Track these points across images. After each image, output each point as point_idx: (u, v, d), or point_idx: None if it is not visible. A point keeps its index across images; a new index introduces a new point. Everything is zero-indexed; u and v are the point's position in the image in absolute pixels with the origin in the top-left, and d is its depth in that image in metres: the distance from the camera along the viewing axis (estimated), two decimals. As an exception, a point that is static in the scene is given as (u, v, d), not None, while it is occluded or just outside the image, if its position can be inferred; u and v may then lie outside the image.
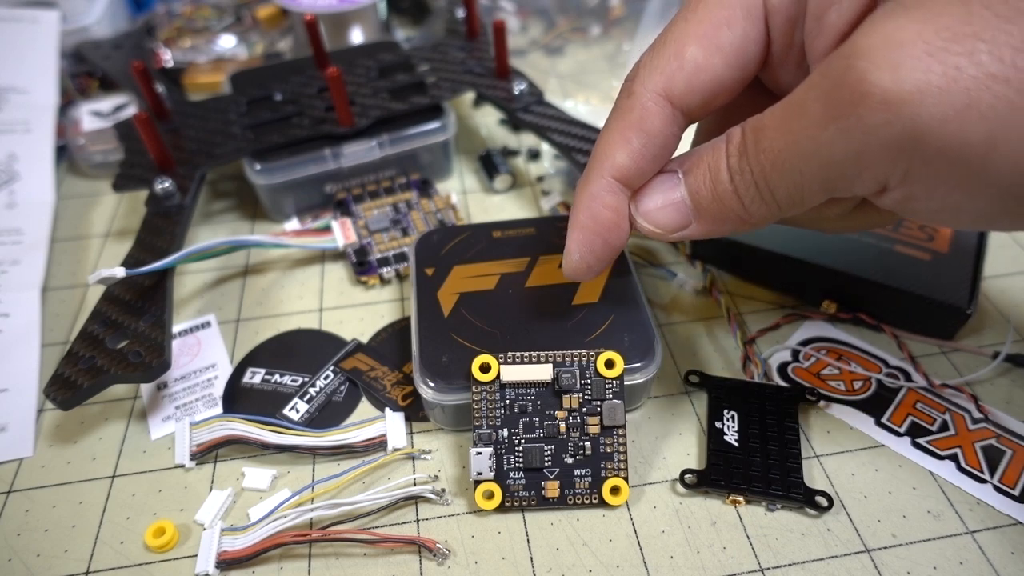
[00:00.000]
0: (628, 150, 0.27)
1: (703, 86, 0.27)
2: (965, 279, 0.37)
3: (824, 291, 0.39)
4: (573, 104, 0.54)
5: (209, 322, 0.41)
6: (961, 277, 0.37)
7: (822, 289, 0.39)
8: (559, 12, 0.64)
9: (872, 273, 0.37)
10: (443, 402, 0.32)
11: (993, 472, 0.32)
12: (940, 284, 0.36)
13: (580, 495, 0.31)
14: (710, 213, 0.27)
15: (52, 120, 0.51)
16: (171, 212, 0.41)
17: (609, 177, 0.28)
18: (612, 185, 0.28)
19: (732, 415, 0.34)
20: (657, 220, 0.28)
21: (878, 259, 0.38)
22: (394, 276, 0.42)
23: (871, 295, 0.37)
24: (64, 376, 0.33)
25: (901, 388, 0.35)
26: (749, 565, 0.29)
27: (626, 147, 0.27)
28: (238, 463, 0.34)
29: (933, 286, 0.36)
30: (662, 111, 0.27)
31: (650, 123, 0.27)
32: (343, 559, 0.30)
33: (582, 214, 0.29)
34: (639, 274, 0.38)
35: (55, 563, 0.30)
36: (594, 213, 0.28)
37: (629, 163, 0.27)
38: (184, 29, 0.63)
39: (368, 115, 0.45)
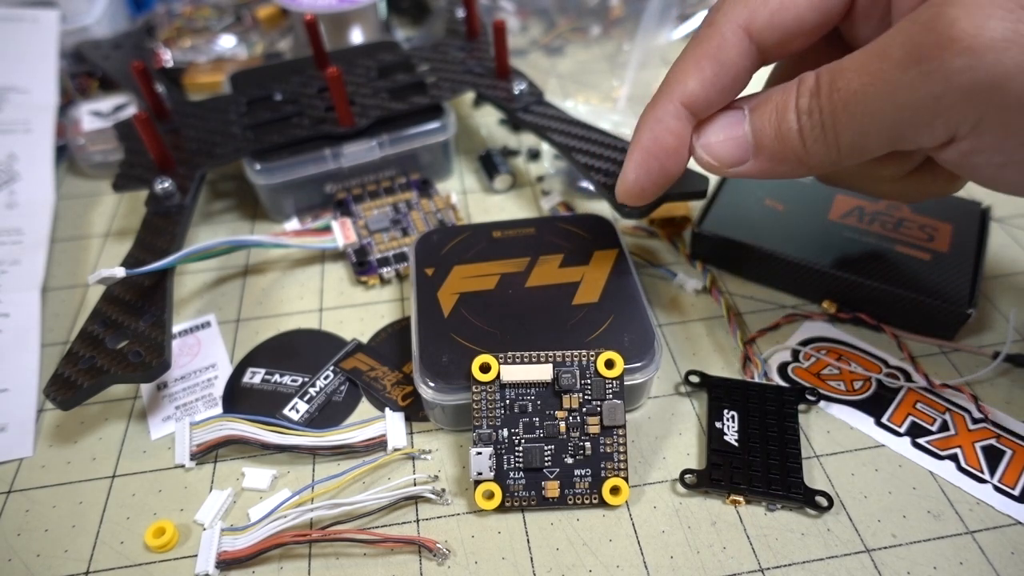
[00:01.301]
0: (700, 77, 0.28)
1: (785, 24, 0.27)
2: (965, 279, 0.37)
3: (824, 292, 0.39)
4: (573, 104, 0.54)
5: (209, 322, 0.41)
6: (961, 277, 0.37)
7: (822, 290, 0.39)
8: (559, 12, 0.64)
9: (871, 275, 0.37)
10: (443, 402, 0.32)
11: (993, 472, 0.32)
12: (940, 285, 0.36)
13: (580, 495, 0.31)
14: (770, 151, 0.27)
15: (52, 120, 0.51)
16: (171, 212, 0.41)
17: (677, 102, 0.28)
18: (679, 111, 0.29)
19: (732, 415, 0.34)
20: (716, 152, 0.29)
21: (878, 260, 0.38)
22: (394, 276, 0.42)
23: (871, 296, 0.37)
24: (64, 376, 0.33)
25: (901, 388, 0.35)
26: (749, 565, 0.29)
27: (698, 74, 0.28)
28: (238, 463, 0.34)
29: (933, 287, 0.36)
30: (739, 43, 0.28)
31: (726, 54, 0.28)
32: (343, 559, 0.30)
33: (644, 135, 0.29)
34: (639, 274, 0.38)
35: (55, 563, 0.30)
36: (656, 136, 0.29)
37: (699, 91, 0.28)
38: (184, 29, 0.63)
39: (368, 115, 0.45)
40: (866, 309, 0.38)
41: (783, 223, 0.40)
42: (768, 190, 0.42)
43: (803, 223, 0.40)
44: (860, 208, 0.41)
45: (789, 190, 0.42)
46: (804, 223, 0.40)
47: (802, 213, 0.41)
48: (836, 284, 0.38)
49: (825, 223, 0.40)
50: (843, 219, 0.40)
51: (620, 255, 0.37)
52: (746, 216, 0.41)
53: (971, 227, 0.40)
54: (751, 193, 0.43)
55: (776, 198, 0.42)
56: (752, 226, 0.40)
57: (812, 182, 0.42)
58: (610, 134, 0.43)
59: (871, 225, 0.40)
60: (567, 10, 0.64)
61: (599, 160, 0.41)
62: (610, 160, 0.41)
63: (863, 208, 0.41)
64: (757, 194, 0.42)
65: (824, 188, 0.42)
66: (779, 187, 0.43)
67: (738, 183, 0.43)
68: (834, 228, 0.40)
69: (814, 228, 0.40)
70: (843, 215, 0.41)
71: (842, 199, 0.42)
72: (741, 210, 0.41)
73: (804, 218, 0.41)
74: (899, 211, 0.41)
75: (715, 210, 0.42)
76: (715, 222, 0.41)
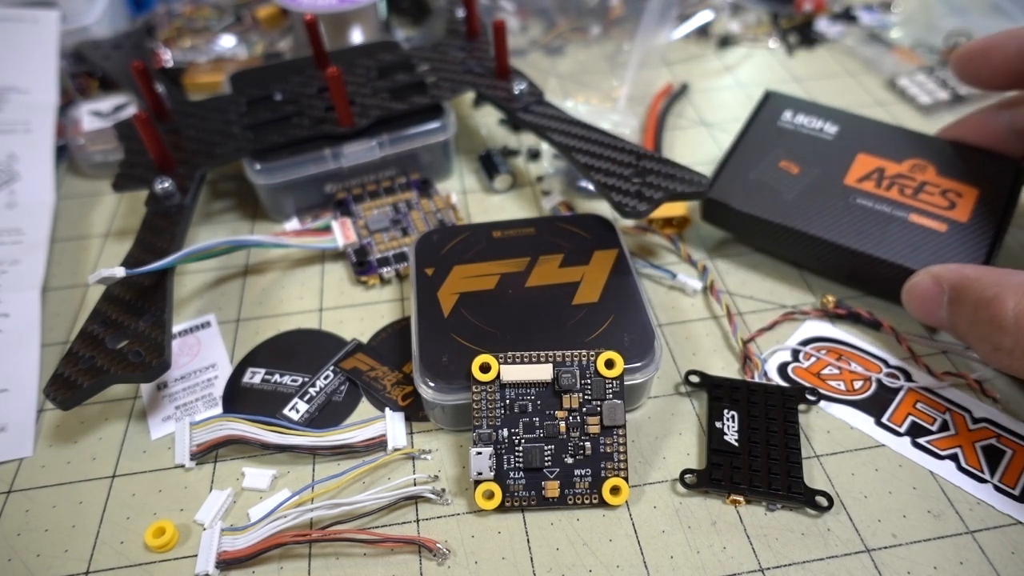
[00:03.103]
0: None
1: None
2: (978, 254, 0.34)
3: (826, 263, 0.38)
4: (573, 104, 0.54)
5: (209, 322, 0.41)
6: (975, 252, 0.34)
7: (824, 261, 0.38)
8: (559, 12, 0.64)
9: (876, 247, 0.36)
10: (443, 402, 0.32)
11: (993, 472, 0.32)
12: (951, 261, 0.34)
13: (580, 495, 0.31)
14: None
15: (52, 120, 0.51)
16: (171, 212, 0.41)
17: None
18: None
19: (732, 415, 0.34)
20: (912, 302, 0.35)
21: (887, 231, 0.36)
22: (394, 276, 0.42)
23: (873, 272, 0.36)
24: (64, 376, 0.33)
25: (901, 388, 0.35)
26: (749, 565, 0.29)
27: None
28: (238, 463, 0.34)
29: (940, 261, 0.34)
30: None
31: None
32: (343, 559, 0.30)
33: None
34: (639, 274, 0.38)
35: (55, 563, 0.30)
36: None
37: None
38: (184, 29, 0.63)
39: (368, 115, 0.45)
40: (869, 286, 0.37)
41: (794, 188, 0.39)
42: (786, 153, 0.41)
43: (816, 188, 0.39)
44: (881, 170, 0.39)
45: (807, 151, 0.41)
46: (817, 188, 0.39)
47: (817, 176, 0.39)
48: (837, 257, 0.37)
49: (839, 188, 0.39)
50: (860, 183, 0.39)
51: (620, 255, 0.37)
52: (757, 180, 0.40)
53: (1000, 191, 0.37)
54: (766, 153, 0.41)
55: (792, 159, 0.40)
56: (760, 192, 0.39)
57: (830, 149, 0.41)
58: (610, 134, 0.43)
59: (889, 190, 0.38)
60: (567, 10, 0.64)
61: (599, 160, 0.41)
62: (610, 160, 0.41)
63: (884, 170, 0.39)
64: (772, 154, 0.41)
65: (842, 155, 0.40)
66: (797, 148, 0.41)
67: (753, 144, 0.42)
68: (848, 194, 0.38)
69: (826, 194, 0.38)
70: (861, 178, 0.39)
71: (864, 159, 0.40)
72: (753, 173, 0.40)
73: (818, 182, 0.39)
74: (923, 174, 0.39)
75: (727, 172, 0.41)
76: (724, 188, 0.40)
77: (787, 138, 0.42)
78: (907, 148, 0.40)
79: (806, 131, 0.42)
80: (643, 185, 0.39)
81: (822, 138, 0.41)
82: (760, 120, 0.43)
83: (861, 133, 0.41)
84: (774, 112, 0.43)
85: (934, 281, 0.33)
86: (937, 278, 0.33)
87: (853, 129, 0.41)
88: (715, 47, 0.62)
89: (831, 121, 0.42)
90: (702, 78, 0.59)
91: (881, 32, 0.62)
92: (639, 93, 0.56)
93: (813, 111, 0.43)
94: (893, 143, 0.40)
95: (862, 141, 0.41)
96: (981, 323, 0.30)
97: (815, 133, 0.42)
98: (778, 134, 0.42)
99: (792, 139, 0.42)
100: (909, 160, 0.39)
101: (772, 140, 0.42)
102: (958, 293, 0.32)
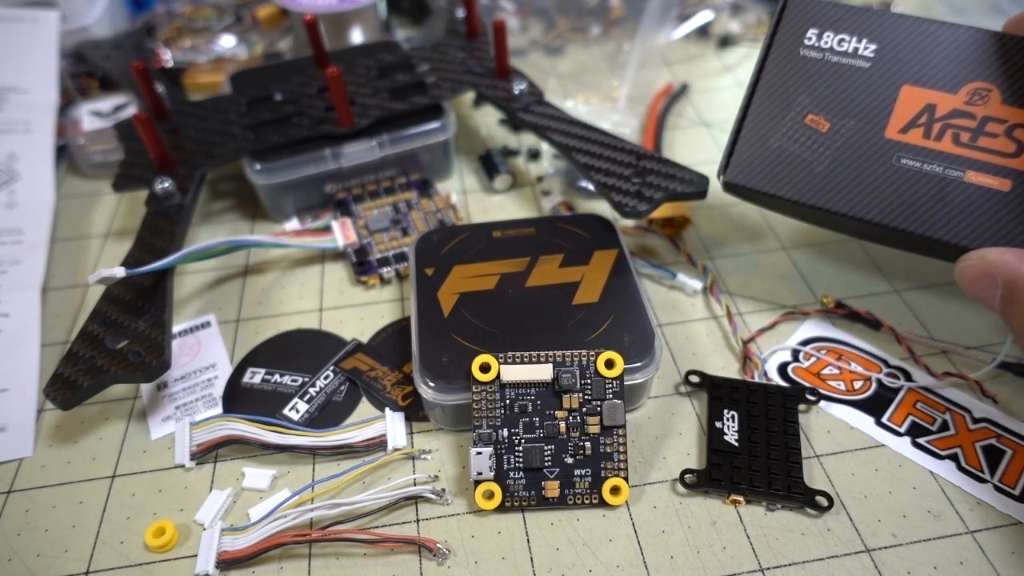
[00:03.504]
0: None
1: None
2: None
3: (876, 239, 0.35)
4: (573, 104, 0.54)
5: (209, 322, 0.41)
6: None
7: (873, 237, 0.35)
8: (559, 12, 0.64)
9: (925, 224, 0.31)
10: (443, 402, 0.32)
11: (993, 472, 0.32)
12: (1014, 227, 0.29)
13: (580, 495, 0.31)
14: None
15: (52, 120, 0.51)
16: (171, 212, 0.41)
17: None
18: None
19: (732, 415, 0.34)
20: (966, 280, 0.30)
21: (938, 200, 0.31)
22: (394, 276, 0.42)
23: (929, 248, 0.32)
24: (64, 376, 0.33)
25: (901, 388, 0.35)
26: (749, 565, 0.29)
27: None
28: (238, 463, 0.34)
29: (1004, 231, 0.30)
30: None
31: None
32: (343, 559, 0.30)
33: None
34: (639, 274, 0.38)
35: (55, 563, 0.30)
36: None
37: None
38: (184, 29, 0.63)
39: (368, 115, 0.45)
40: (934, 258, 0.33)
41: (826, 154, 0.33)
42: (812, 102, 0.34)
43: (851, 150, 0.33)
44: (931, 108, 0.32)
45: (839, 93, 0.34)
46: (852, 150, 0.33)
47: (852, 132, 0.33)
48: (883, 234, 0.33)
49: (880, 144, 0.33)
50: (904, 135, 0.32)
51: (620, 255, 0.37)
52: (780, 149, 0.34)
53: None
54: (789, 105, 0.34)
55: (821, 111, 0.34)
56: (786, 164, 0.34)
57: (868, 84, 0.33)
58: (610, 134, 0.43)
59: (940, 140, 0.32)
60: (567, 10, 0.64)
61: (599, 160, 0.41)
62: (610, 160, 0.41)
63: (935, 107, 0.32)
64: (797, 107, 0.34)
65: (883, 91, 0.33)
66: (826, 90, 0.34)
67: (772, 92, 0.35)
68: (890, 152, 0.32)
69: (864, 157, 0.33)
70: (906, 126, 0.32)
71: (909, 93, 0.33)
72: (775, 139, 0.34)
73: (854, 141, 0.33)
74: (984, 104, 0.31)
75: (743, 143, 0.35)
76: (742, 165, 0.34)
77: (813, 76, 0.34)
78: (965, 64, 0.32)
79: (836, 60, 0.34)
80: (643, 185, 0.39)
81: (857, 67, 0.34)
82: (779, 47, 0.35)
83: (906, 49, 0.33)
84: (795, 31, 0.35)
85: (987, 270, 0.29)
86: (991, 267, 0.29)
87: (896, 45, 0.33)
88: (715, 47, 0.62)
89: (868, 37, 0.34)
90: (702, 78, 0.59)
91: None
92: (639, 93, 0.56)
93: (844, 24, 0.34)
94: (947, 58, 0.32)
95: (907, 63, 0.33)
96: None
97: (848, 60, 0.34)
98: (802, 70, 0.34)
99: (819, 76, 0.34)
100: (967, 85, 0.32)
101: (795, 82, 0.34)
102: (1012, 293, 0.28)
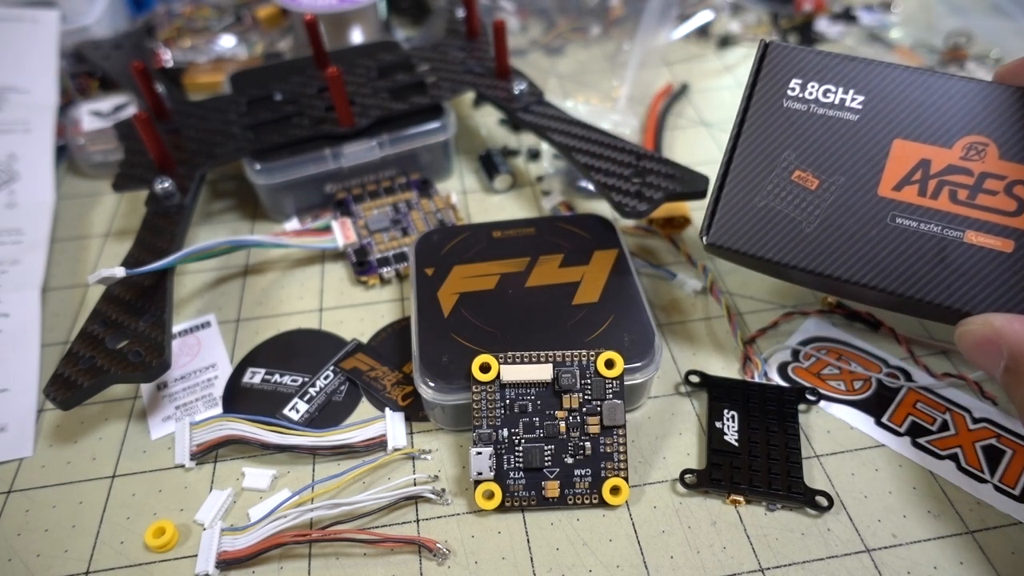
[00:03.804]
0: None
1: None
2: None
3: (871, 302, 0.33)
4: (573, 104, 0.54)
5: (209, 322, 0.41)
6: None
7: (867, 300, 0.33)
8: (559, 12, 0.64)
9: (923, 288, 0.29)
10: (443, 402, 0.32)
11: (993, 472, 0.32)
12: (1018, 291, 0.28)
13: (580, 495, 0.31)
14: None
15: (52, 120, 0.51)
16: (171, 212, 0.41)
17: None
18: None
19: (732, 415, 0.34)
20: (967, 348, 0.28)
21: (936, 262, 0.29)
22: (394, 276, 0.42)
23: (927, 312, 0.30)
24: (64, 376, 0.33)
25: (901, 388, 0.35)
26: (749, 565, 0.29)
27: None
28: (238, 463, 0.34)
29: (1007, 296, 0.28)
30: None
31: None
32: (343, 559, 0.30)
33: None
34: (639, 274, 0.38)
35: (55, 563, 0.30)
36: None
37: None
38: (184, 29, 0.63)
39: (368, 115, 0.45)
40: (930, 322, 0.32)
41: (815, 212, 0.31)
42: (798, 157, 0.32)
43: (842, 209, 0.31)
44: (926, 164, 0.30)
45: (827, 147, 0.32)
46: (843, 209, 0.31)
47: (842, 190, 0.31)
48: (878, 297, 0.31)
49: (873, 203, 0.30)
50: (898, 192, 0.30)
51: (620, 255, 0.37)
52: (766, 208, 0.32)
53: None
54: (774, 161, 0.32)
55: (808, 167, 0.32)
56: (773, 224, 0.32)
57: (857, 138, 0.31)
58: (610, 134, 0.43)
59: (936, 199, 0.30)
60: (567, 10, 0.64)
61: (599, 160, 0.41)
62: (610, 160, 0.41)
63: (929, 163, 0.30)
64: (783, 163, 0.32)
65: (873, 145, 0.31)
66: (812, 145, 0.32)
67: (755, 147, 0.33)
68: (884, 211, 0.30)
69: (856, 217, 0.31)
70: (899, 183, 0.30)
71: (902, 148, 0.30)
72: (760, 197, 0.32)
73: (844, 199, 0.31)
74: (982, 160, 0.29)
75: (726, 201, 0.32)
76: (726, 225, 0.32)
77: (798, 129, 0.32)
78: (958, 117, 0.30)
79: (822, 112, 0.32)
80: (643, 185, 0.39)
81: (844, 120, 0.31)
82: (760, 98, 0.33)
83: (896, 101, 0.31)
84: (777, 81, 0.33)
85: (991, 337, 0.27)
86: (996, 335, 0.27)
87: (885, 96, 0.31)
88: (715, 47, 0.62)
89: (855, 88, 0.31)
90: (702, 78, 0.59)
91: (881, 32, 0.62)
92: (639, 93, 0.56)
93: (828, 74, 0.32)
94: (939, 111, 0.30)
95: (897, 116, 0.31)
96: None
97: (835, 112, 0.32)
98: (786, 123, 0.32)
99: (805, 130, 0.32)
100: (962, 139, 0.30)
101: (779, 136, 0.32)
102: (1017, 366, 0.26)
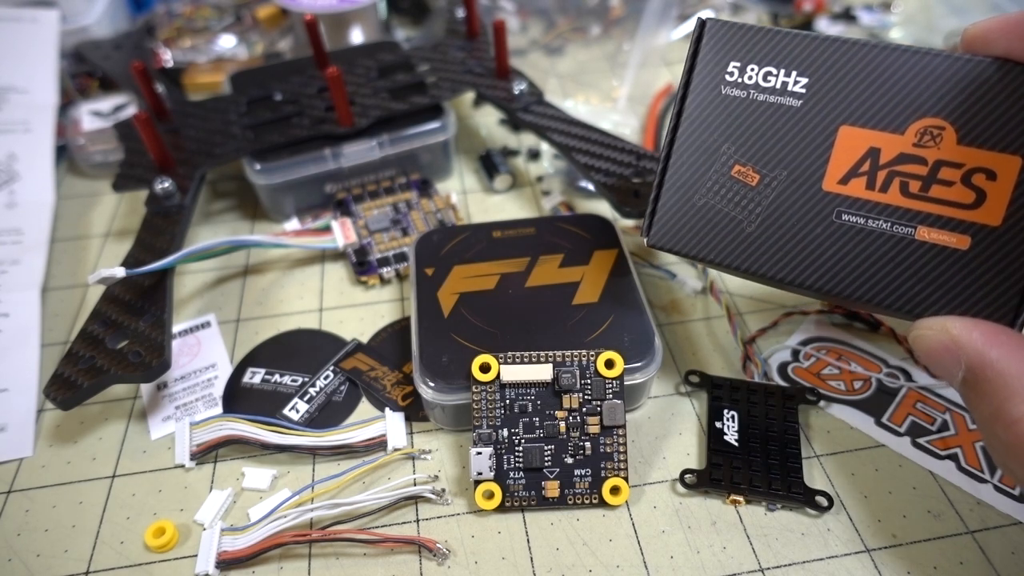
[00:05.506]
0: None
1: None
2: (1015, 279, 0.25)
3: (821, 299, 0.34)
4: (573, 104, 0.54)
5: (209, 322, 0.41)
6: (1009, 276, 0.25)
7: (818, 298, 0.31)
8: (559, 12, 0.64)
9: (870, 290, 0.27)
10: (443, 402, 0.32)
11: (993, 472, 0.32)
12: (973, 292, 0.25)
13: (580, 495, 0.31)
14: None
15: (52, 120, 0.51)
16: (171, 212, 0.41)
17: None
18: None
19: (732, 415, 0.34)
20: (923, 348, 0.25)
21: (885, 262, 0.27)
22: (394, 276, 0.42)
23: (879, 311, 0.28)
24: (64, 376, 0.33)
25: (901, 388, 0.35)
26: (749, 565, 0.29)
27: None
28: (238, 463, 0.34)
29: (962, 297, 0.26)
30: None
31: None
32: (343, 559, 0.30)
33: None
34: (639, 274, 0.38)
35: (55, 563, 0.30)
36: None
37: None
38: (184, 29, 0.63)
39: (368, 115, 0.45)
40: None
41: (756, 211, 0.29)
42: (737, 151, 0.29)
43: (784, 206, 0.28)
44: (875, 152, 0.27)
45: (768, 139, 0.29)
46: (785, 206, 0.28)
47: (784, 186, 0.28)
48: (826, 298, 0.29)
49: (817, 199, 0.28)
50: (845, 186, 0.27)
51: (620, 255, 0.37)
52: (706, 206, 0.30)
53: None
54: (712, 155, 0.29)
55: (748, 161, 0.29)
56: (713, 224, 0.30)
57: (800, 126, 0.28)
58: (610, 134, 0.43)
59: (886, 192, 0.27)
60: (567, 10, 0.64)
61: (599, 160, 0.41)
62: (610, 160, 0.41)
63: (879, 151, 0.27)
64: (722, 157, 0.29)
65: (818, 134, 0.28)
66: (752, 137, 0.29)
67: (692, 140, 0.30)
68: (829, 208, 0.28)
69: (799, 214, 0.28)
70: (845, 176, 0.27)
71: (848, 135, 0.27)
72: (699, 195, 0.30)
73: (786, 195, 0.28)
74: (937, 145, 0.26)
75: (665, 200, 0.30)
76: (665, 227, 0.30)
77: (737, 119, 0.29)
78: (911, 96, 0.26)
79: (763, 98, 0.29)
80: (643, 185, 0.39)
81: (786, 106, 0.28)
82: (698, 88, 0.30)
83: (842, 82, 0.27)
84: (715, 67, 0.29)
85: (948, 345, 0.24)
86: (953, 342, 0.24)
87: (830, 77, 0.28)
88: (715, 47, 0.62)
89: (797, 69, 0.28)
90: (702, 78, 0.58)
91: (881, 32, 0.62)
92: (639, 93, 0.56)
93: (770, 54, 0.28)
94: (890, 91, 0.27)
95: (844, 99, 0.27)
96: (997, 440, 0.23)
97: (776, 98, 0.28)
98: (724, 112, 0.29)
99: (744, 119, 0.29)
100: (916, 122, 0.26)
101: (717, 127, 0.29)
102: (978, 382, 0.23)
